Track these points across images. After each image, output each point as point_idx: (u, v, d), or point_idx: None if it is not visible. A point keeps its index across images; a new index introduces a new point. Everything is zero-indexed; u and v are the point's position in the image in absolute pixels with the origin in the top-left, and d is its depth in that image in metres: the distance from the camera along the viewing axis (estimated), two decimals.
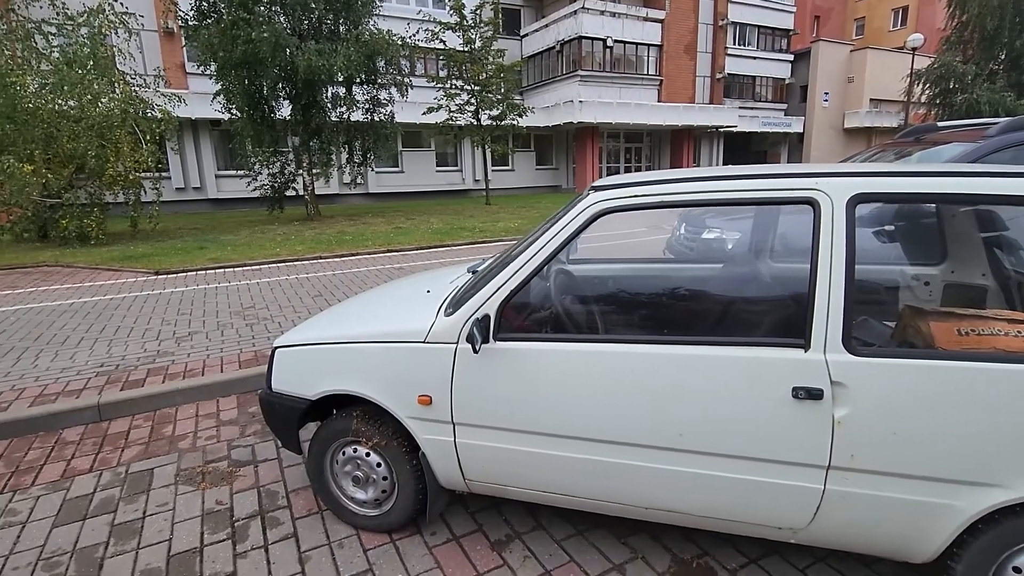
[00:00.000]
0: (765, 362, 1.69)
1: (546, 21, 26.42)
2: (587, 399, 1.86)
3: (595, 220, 1.89)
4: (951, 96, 22.61)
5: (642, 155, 29.53)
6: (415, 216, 14.90)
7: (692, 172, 1.92)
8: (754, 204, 1.76)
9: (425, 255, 9.01)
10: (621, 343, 1.84)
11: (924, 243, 2.78)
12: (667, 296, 2.36)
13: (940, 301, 2.69)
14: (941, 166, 1.72)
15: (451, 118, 17.47)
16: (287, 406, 2.32)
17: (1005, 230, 2.54)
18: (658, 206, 1.84)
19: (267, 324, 5.09)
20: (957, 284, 2.65)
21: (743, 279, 2.36)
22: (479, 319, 1.93)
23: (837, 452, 1.65)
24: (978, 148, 3.93)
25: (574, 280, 2.45)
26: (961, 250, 2.64)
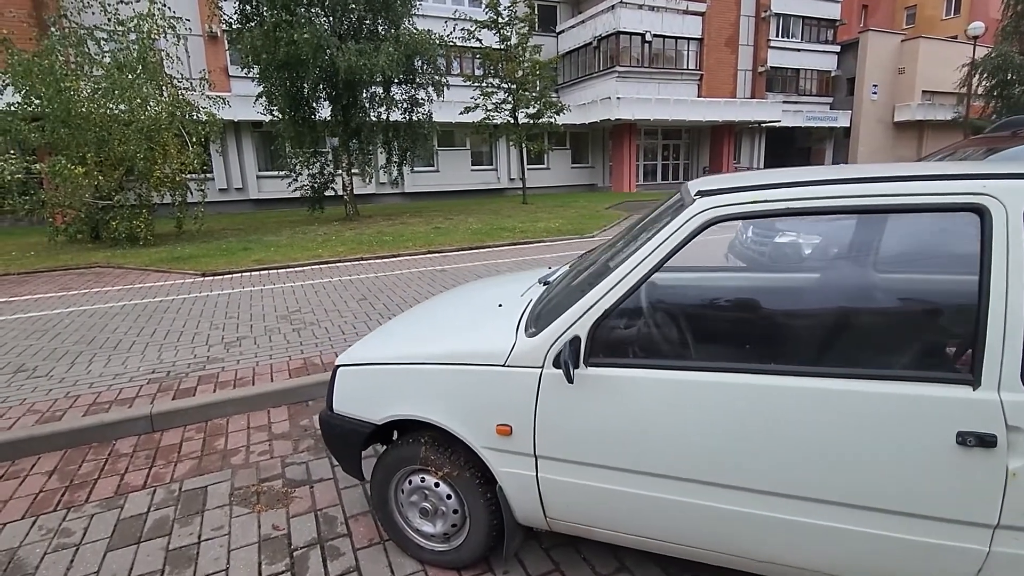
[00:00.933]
0: (924, 401, 1.42)
1: (583, 17, 26.00)
2: (700, 437, 1.62)
3: (704, 230, 1.65)
4: (1009, 88, 21.37)
5: (680, 152, 28.82)
6: (453, 216, 14.79)
7: (817, 173, 1.66)
8: (901, 211, 1.49)
9: (467, 256, 8.84)
10: (741, 373, 1.60)
11: None
12: (786, 314, 2.09)
13: None
14: None
15: (488, 117, 17.31)
16: (350, 430, 2.15)
17: None
18: (780, 214, 1.59)
19: (314, 330, 4.99)
20: None
21: (863, 295, 2.08)
22: (569, 341, 1.71)
23: (1009, 509, 1.37)
24: None
25: (667, 293, 2.20)
26: None
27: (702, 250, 1.79)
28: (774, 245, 4.15)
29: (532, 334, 1.83)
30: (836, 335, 1.83)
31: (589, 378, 1.72)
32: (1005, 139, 4.33)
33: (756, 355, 1.84)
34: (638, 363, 1.74)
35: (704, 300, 2.35)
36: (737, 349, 1.91)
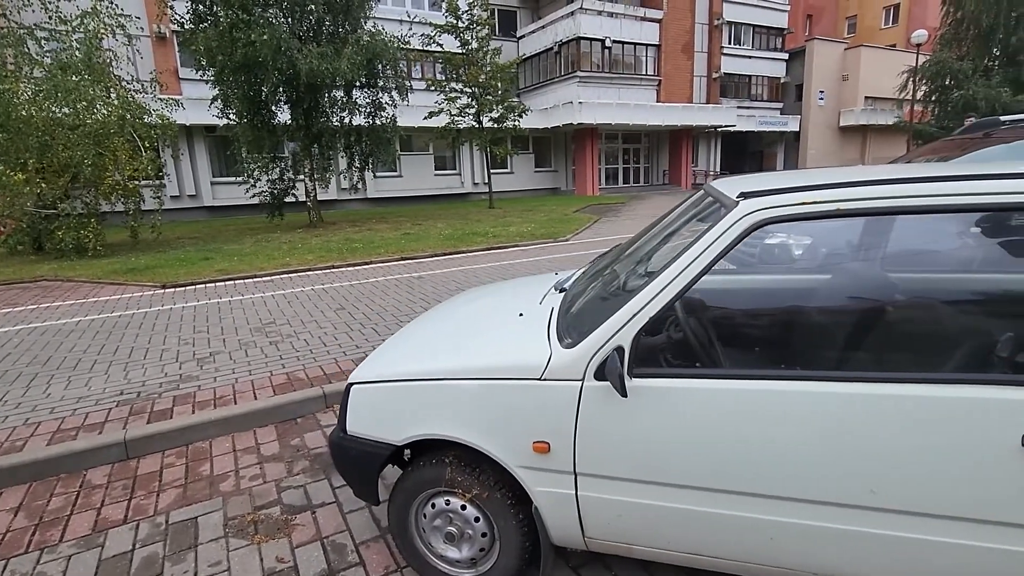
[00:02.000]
0: (987, 404, 1.39)
1: (543, 22, 26.19)
2: (751, 448, 1.56)
3: (750, 233, 1.59)
4: (947, 92, 22.63)
5: (640, 156, 29.36)
6: (421, 221, 14.56)
7: (869, 172, 1.63)
8: (962, 212, 1.47)
9: (442, 262, 8.67)
10: (792, 380, 1.54)
11: None
12: (845, 319, 2.05)
13: None
14: None
15: (453, 121, 17.17)
16: (367, 452, 2.00)
17: None
18: (833, 215, 1.54)
19: (293, 342, 4.75)
20: None
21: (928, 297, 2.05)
22: (614, 352, 1.62)
23: None
24: None
25: (711, 298, 2.14)
26: None
27: None
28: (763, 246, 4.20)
29: (570, 345, 1.74)
30: (898, 339, 1.81)
31: (635, 390, 1.63)
32: (978, 140, 4.52)
33: (804, 360, 1.80)
34: (686, 372, 1.67)
35: (746, 304, 2.30)
36: (789, 355, 1.86)
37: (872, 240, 2.49)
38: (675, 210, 2.36)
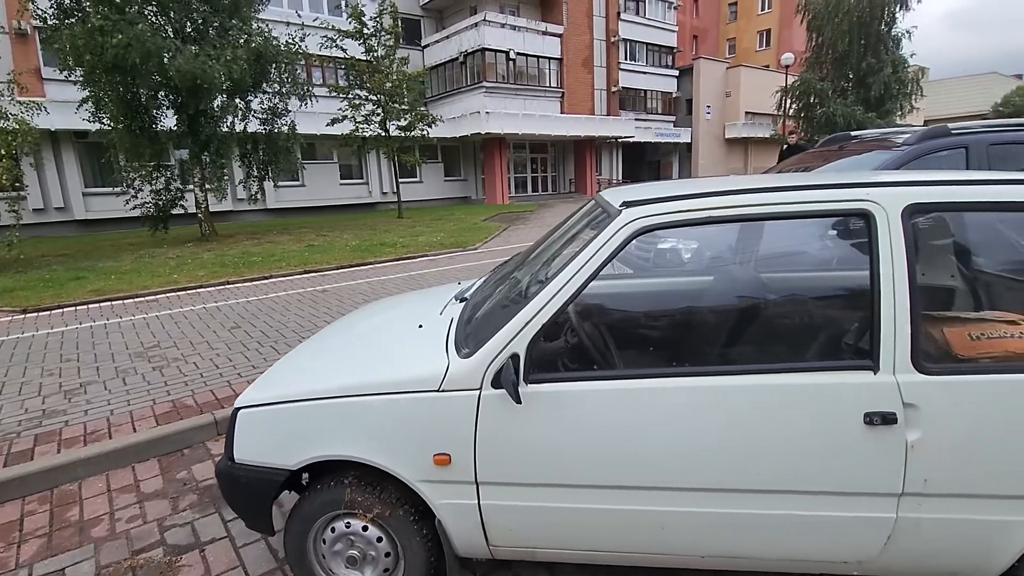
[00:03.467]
0: (836, 388, 1.57)
1: (447, 32, 26.27)
2: (642, 444, 1.64)
3: (632, 240, 1.69)
4: (812, 110, 25.31)
5: (548, 165, 30.17)
6: (326, 232, 13.99)
7: (735, 182, 1.78)
8: (804, 217, 1.65)
9: (348, 275, 8.39)
10: (676, 376, 1.65)
11: None
12: (712, 317, 2.19)
13: None
14: (993, 174, 1.70)
15: (357, 129, 16.70)
16: (258, 480, 1.88)
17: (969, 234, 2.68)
18: (704, 222, 1.68)
19: (180, 366, 4.37)
20: (929, 286, 2.76)
21: (772, 295, 2.26)
22: (509, 360, 1.65)
23: (910, 478, 1.56)
24: (898, 156, 4.23)
25: (597, 303, 2.22)
26: (930, 254, 2.75)
27: None
28: (656, 251, 4.46)
29: (467, 355, 1.74)
30: (764, 333, 1.98)
31: (530, 395, 1.67)
32: (834, 152, 5.07)
33: (687, 358, 1.92)
34: (578, 375, 1.73)
35: (634, 307, 2.42)
36: (667, 355, 1.98)
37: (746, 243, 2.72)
38: (570, 219, 2.44)
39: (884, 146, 4.51)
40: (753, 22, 42.99)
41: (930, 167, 4.16)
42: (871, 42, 24.00)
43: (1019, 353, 1.88)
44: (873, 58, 24.11)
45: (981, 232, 2.61)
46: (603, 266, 1.69)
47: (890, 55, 24.52)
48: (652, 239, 4.58)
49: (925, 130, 4.31)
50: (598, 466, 1.68)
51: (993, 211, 1.67)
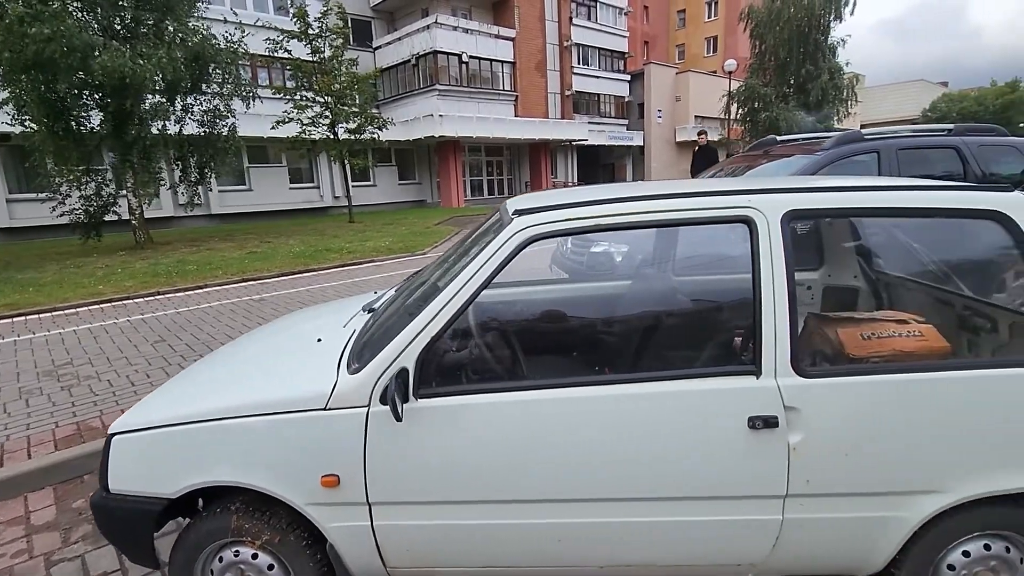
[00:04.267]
0: (720, 394, 1.58)
1: (399, 34, 25.99)
2: (535, 456, 1.61)
3: (523, 248, 1.66)
4: (757, 114, 26.23)
5: (503, 168, 30.22)
6: (271, 238, 13.55)
7: (622, 190, 1.78)
8: (689, 224, 1.66)
9: (288, 282, 8.13)
10: (568, 387, 1.63)
11: (805, 250, 2.96)
12: (602, 325, 2.20)
13: (820, 303, 2.88)
14: (862, 181, 1.76)
15: (304, 131, 16.26)
16: (136, 510, 1.75)
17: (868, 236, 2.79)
18: (591, 230, 1.66)
19: (92, 384, 4.12)
20: (834, 287, 2.85)
21: (668, 299, 2.29)
22: (396, 374, 1.59)
23: (794, 479, 1.58)
24: (817, 160, 4.39)
25: (489, 312, 2.18)
26: (836, 256, 2.85)
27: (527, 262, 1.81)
28: (590, 255, 4.49)
29: (356, 370, 1.67)
30: (643, 341, 1.98)
31: (421, 411, 1.61)
32: (759, 157, 5.23)
33: (579, 367, 1.91)
34: (470, 388, 1.69)
35: (527, 316, 2.38)
36: (561, 363, 1.96)
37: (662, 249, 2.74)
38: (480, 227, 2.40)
39: (805, 150, 4.67)
40: (700, 29, 44.28)
41: (846, 170, 4.34)
42: (809, 50, 25.07)
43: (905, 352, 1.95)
44: (811, 65, 25.19)
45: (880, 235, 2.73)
46: (495, 275, 1.65)
47: (827, 63, 25.68)
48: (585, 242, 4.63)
49: (840, 135, 4.49)
50: (492, 481, 1.64)
51: (864, 216, 1.72)
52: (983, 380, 1.55)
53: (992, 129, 4.74)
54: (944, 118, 41.07)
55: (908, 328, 2.13)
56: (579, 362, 1.97)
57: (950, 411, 1.55)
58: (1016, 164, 4.63)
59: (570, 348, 2.06)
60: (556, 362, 1.99)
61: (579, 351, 2.06)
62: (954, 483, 1.57)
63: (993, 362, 1.70)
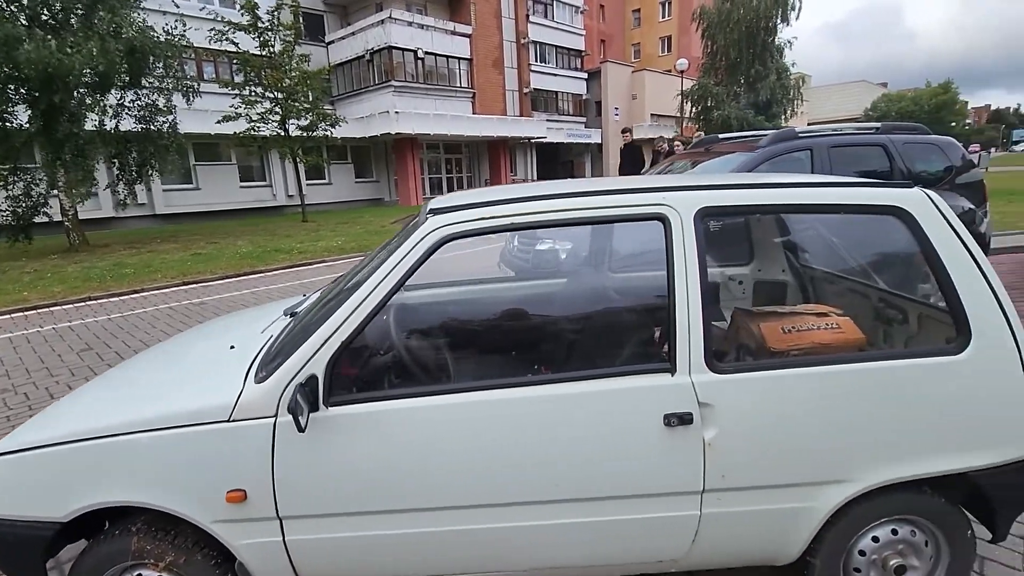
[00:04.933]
0: (637, 392, 1.57)
1: (352, 29, 25.45)
2: (450, 461, 1.57)
3: (437, 249, 1.61)
4: (709, 112, 26.89)
5: (463, 165, 30.04)
6: (218, 239, 13.07)
7: (538, 188, 1.75)
8: (605, 222, 1.65)
9: (233, 285, 7.84)
10: (481, 390, 1.59)
11: (735, 246, 3.02)
12: (525, 325, 2.17)
13: (752, 297, 2.95)
14: (773, 177, 1.78)
15: (252, 128, 15.73)
16: (23, 536, 1.63)
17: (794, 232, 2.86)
18: (508, 229, 1.63)
19: (7, 399, 3.85)
20: (764, 281, 2.92)
21: (596, 298, 2.28)
22: (303, 383, 1.52)
23: (710, 475, 1.59)
24: (754, 157, 4.50)
25: (411, 314, 2.13)
26: (764, 251, 2.91)
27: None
28: (535, 252, 4.47)
29: (263, 379, 1.59)
30: (568, 341, 1.96)
31: (333, 420, 1.55)
32: (702, 154, 5.33)
33: (495, 369, 1.87)
34: (387, 394, 1.64)
35: (452, 317, 2.34)
36: (477, 367, 1.93)
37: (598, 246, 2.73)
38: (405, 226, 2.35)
39: (744, 148, 4.78)
40: (655, 28, 45.05)
41: (781, 167, 4.46)
42: (758, 51, 25.84)
43: (823, 344, 1.99)
44: (760, 65, 25.97)
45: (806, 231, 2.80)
46: (408, 276, 1.60)
47: (775, 63, 26.53)
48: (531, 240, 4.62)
49: (775, 134, 4.61)
50: (411, 489, 1.59)
51: (773, 213, 1.74)
52: (884, 371, 1.60)
53: (916, 128, 4.96)
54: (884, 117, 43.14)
55: (827, 320, 2.19)
56: (503, 364, 1.93)
57: (855, 403, 1.59)
58: (938, 161, 4.86)
59: (494, 350, 2.02)
60: (480, 364, 1.95)
61: (503, 353, 2.02)
62: (860, 472, 1.61)
63: (894, 353, 1.75)
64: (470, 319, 2.26)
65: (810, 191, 1.68)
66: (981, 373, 1.60)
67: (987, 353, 1.60)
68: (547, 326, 2.15)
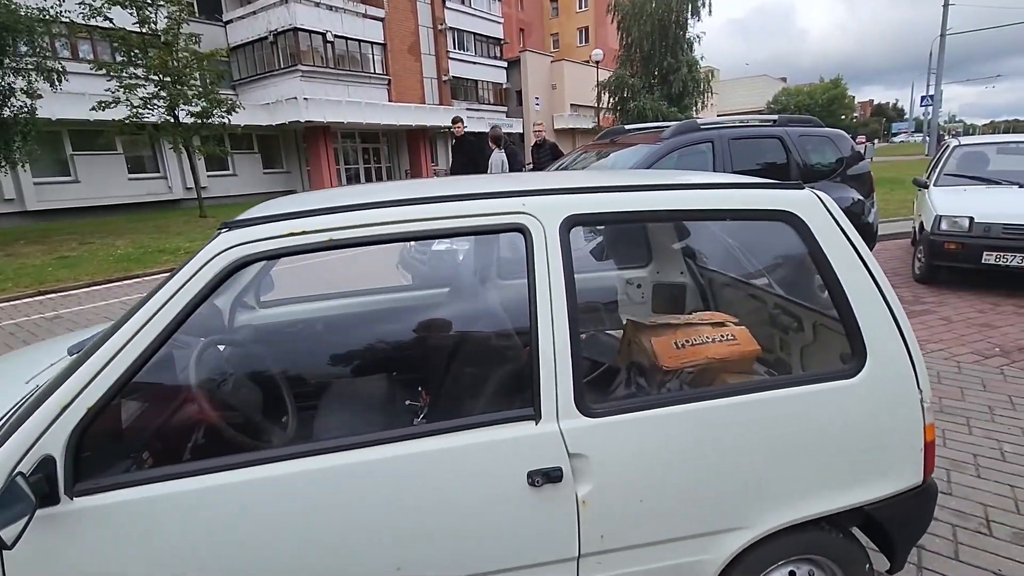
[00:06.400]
0: (497, 447, 1.27)
1: (253, 8, 23.63)
2: (271, 552, 1.21)
3: (230, 276, 1.23)
4: (626, 103, 27.45)
5: (381, 156, 28.94)
6: (95, 239, 11.64)
7: (371, 192, 1.40)
8: (449, 236, 1.32)
9: (100, 294, 6.89)
10: (314, 455, 1.23)
11: (633, 248, 2.82)
12: (372, 360, 1.80)
13: (651, 301, 2.76)
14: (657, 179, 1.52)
15: (135, 114, 14.15)
16: None
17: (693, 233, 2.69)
18: (325, 247, 1.27)
19: None
20: (663, 283, 2.74)
21: (471, 317, 1.95)
22: (37, 466, 1.10)
23: (586, 537, 1.33)
24: (658, 149, 4.36)
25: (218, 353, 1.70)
26: (663, 252, 2.72)
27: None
28: (432, 253, 4.11)
29: None
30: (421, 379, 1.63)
31: (80, 516, 1.14)
32: (607, 145, 5.16)
33: (334, 425, 1.52)
34: (162, 473, 1.23)
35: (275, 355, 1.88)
36: (314, 421, 1.56)
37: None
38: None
39: (647, 140, 4.63)
40: (573, 19, 45.46)
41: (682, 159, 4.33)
42: (670, 43, 26.59)
43: (718, 359, 1.79)
44: (672, 58, 26.76)
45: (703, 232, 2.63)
46: (190, 313, 1.21)
47: (686, 56, 27.43)
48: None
49: (677, 125, 4.50)
50: None
51: (654, 220, 1.49)
52: (776, 403, 1.39)
53: (810, 120, 5.04)
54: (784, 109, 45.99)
55: (722, 332, 2.00)
56: (337, 417, 1.57)
57: (747, 440, 1.38)
58: (831, 153, 4.96)
59: (326, 398, 1.65)
60: (306, 420, 1.58)
61: (339, 401, 1.66)
62: (755, 517, 1.41)
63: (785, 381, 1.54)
64: (299, 356, 1.86)
65: (695, 194, 1.44)
66: (877, 397, 1.44)
67: (882, 374, 1.43)
68: (404, 359, 1.80)
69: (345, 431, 1.39)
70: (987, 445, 2.81)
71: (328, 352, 1.88)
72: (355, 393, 1.63)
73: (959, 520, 2.28)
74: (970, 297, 5.12)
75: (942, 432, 2.94)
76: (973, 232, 5.07)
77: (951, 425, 3.01)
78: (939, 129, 27.82)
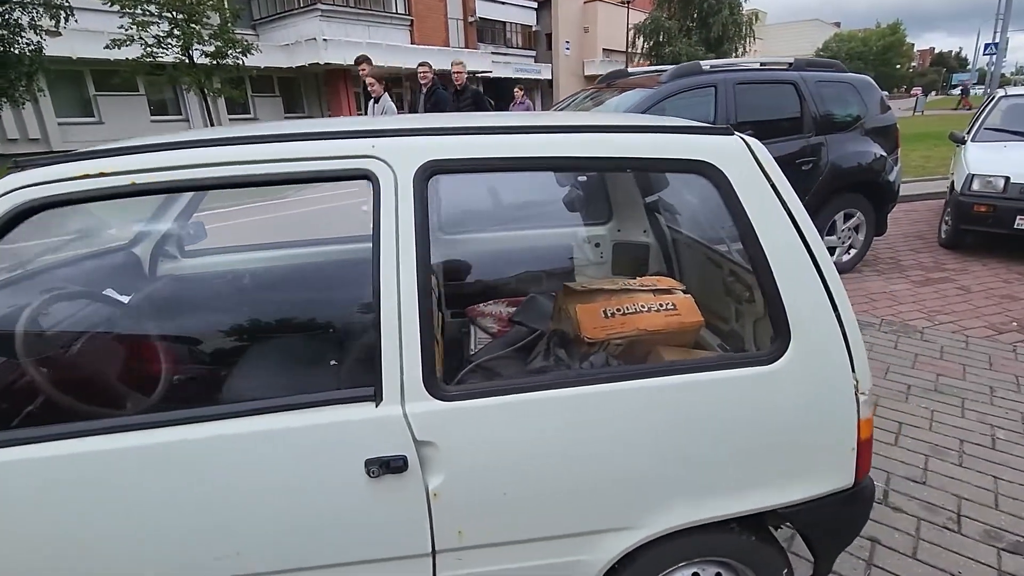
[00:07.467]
0: (327, 430, 1.10)
1: None
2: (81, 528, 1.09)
3: (15, 224, 1.06)
4: (661, 48, 26.01)
5: (404, 102, 28.27)
6: None
7: (200, 133, 1.20)
8: (284, 183, 1.11)
9: None
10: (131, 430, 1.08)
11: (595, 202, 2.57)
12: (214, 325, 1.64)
13: (611, 262, 2.53)
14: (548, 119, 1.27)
15: (149, 53, 13.95)
16: None
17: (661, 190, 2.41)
18: (124, 194, 1.08)
19: None
20: (624, 242, 2.50)
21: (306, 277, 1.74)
22: None
23: (440, 533, 1.17)
24: (651, 95, 3.98)
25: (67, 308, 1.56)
26: (624, 208, 2.47)
27: None
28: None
29: None
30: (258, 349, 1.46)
31: None
32: (604, 89, 4.77)
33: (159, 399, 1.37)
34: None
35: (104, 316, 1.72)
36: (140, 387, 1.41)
37: None
38: None
39: (647, 84, 4.24)
40: None
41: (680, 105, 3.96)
42: None
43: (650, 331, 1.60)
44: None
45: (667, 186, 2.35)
46: None
47: None
48: None
49: (677, 68, 4.10)
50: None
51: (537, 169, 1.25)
52: (670, 392, 1.19)
53: (832, 64, 4.53)
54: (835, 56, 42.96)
55: (663, 300, 1.78)
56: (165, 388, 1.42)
57: (632, 433, 1.18)
58: (853, 103, 4.47)
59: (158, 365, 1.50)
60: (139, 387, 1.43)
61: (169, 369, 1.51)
62: (645, 517, 1.23)
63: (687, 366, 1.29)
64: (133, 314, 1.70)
65: (589, 138, 1.18)
66: (799, 388, 1.21)
67: (808, 360, 1.20)
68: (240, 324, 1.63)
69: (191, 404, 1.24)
70: (978, 431, 2.56)
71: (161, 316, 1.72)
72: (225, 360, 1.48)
73: (926, 513, 2.07)
74: (996, 266, 4.68)
75: (931, 414, 2.69)
76: (1008, 193, 4.58)
77: (942, 406, 2.75)
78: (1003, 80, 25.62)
